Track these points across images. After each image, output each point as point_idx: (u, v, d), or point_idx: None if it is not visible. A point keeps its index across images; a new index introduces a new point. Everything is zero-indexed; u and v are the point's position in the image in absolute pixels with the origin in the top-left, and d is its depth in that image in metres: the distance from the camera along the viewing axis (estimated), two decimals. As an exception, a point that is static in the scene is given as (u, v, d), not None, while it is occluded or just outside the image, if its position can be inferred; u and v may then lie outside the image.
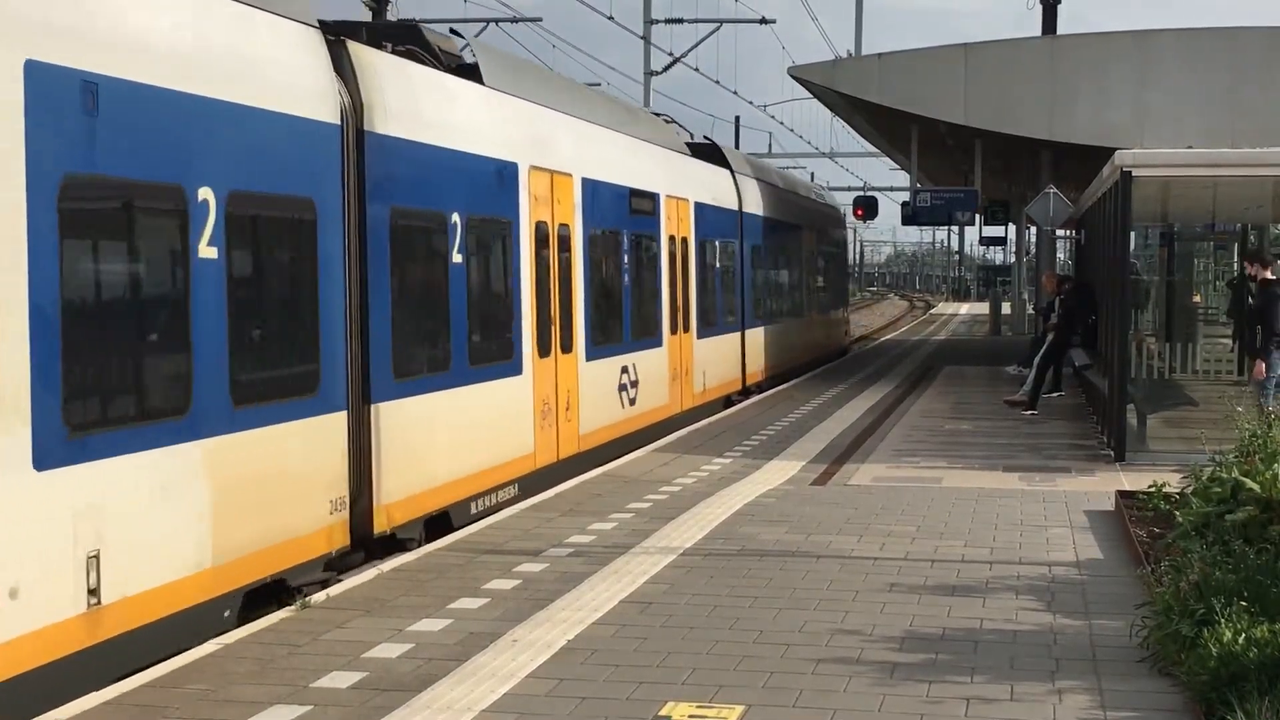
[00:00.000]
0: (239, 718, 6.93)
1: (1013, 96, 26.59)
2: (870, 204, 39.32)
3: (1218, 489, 9.70)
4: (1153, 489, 11.75)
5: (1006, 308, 49.88)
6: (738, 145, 60.34)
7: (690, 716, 6.90)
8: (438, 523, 12.12)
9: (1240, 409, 12.26)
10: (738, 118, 64.75)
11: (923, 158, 33.94)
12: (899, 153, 40.03)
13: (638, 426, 18.24)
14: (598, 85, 29.03)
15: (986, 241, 61.71)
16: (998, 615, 8.82)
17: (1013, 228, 54.18)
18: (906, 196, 32.98)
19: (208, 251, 8.81)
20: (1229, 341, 22.23)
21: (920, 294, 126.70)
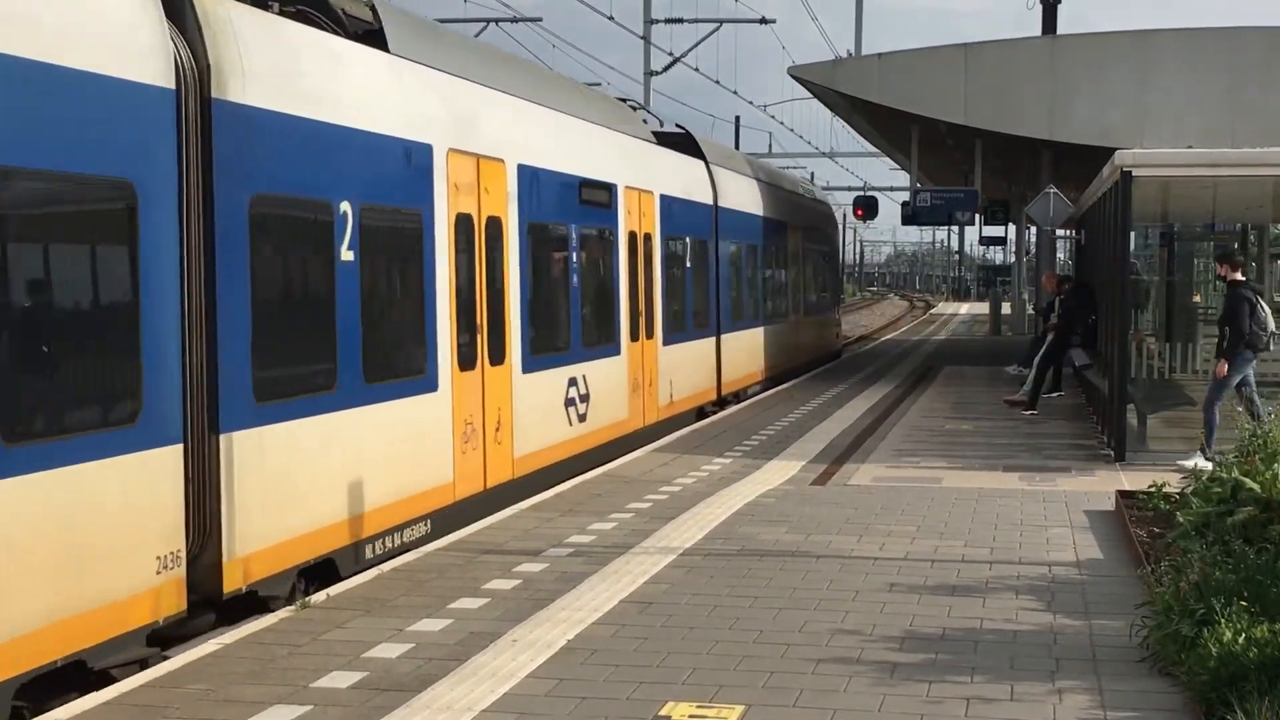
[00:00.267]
0: (239, 718, 6.93)
1: (1013, 96, 26.60)
2: (870, 204, 39.32)
3: (1218, 489, 9.71)
4: (1153, 489, 11.78)
5: (1006, 308, 49.89)
6: (738, 145, 60.36)
7: (690, 716, 6.90)
8: (321, 570, 10.25)
9: (1240, 409, 12.28)
10: (738, 118, 64.95)
11: (923, 158, 33.95)
12: (899, 153, 40.04)
13: (590, 445, 16.26)
14: (598, 85, 28.73)
15: (986, 241, 61.86)
16: (998, 615, 8.82)
17: (1013, 228, 54.27)
18: (906, 196, 32.98)
19: None
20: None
21: (920, 294, 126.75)
